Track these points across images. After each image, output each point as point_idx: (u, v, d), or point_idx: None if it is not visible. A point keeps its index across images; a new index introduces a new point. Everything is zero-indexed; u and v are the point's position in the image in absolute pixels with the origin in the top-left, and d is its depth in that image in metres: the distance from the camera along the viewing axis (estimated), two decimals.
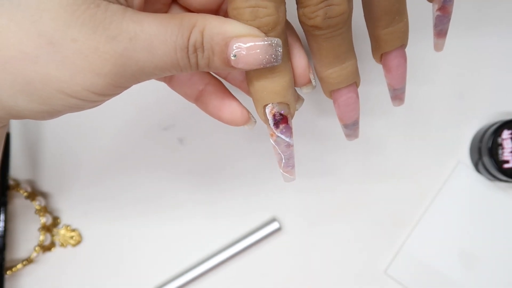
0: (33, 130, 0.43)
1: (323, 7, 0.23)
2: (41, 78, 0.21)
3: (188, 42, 0.22)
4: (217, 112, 0.28)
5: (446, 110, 0.43)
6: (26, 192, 0.41)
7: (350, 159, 0.43)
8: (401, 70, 0.28)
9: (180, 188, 0.43)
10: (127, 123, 0.43)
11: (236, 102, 0.28)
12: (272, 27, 0.23)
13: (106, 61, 0.21)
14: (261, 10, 0.22)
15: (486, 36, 0.43)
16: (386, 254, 0.42)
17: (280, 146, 0.26)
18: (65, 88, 0.22)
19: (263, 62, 0.23)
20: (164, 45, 0.22)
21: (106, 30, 0.21)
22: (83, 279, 0.43)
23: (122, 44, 0.21)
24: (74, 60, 0.21)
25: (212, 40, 0.22)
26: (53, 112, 0.23)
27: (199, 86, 0.29)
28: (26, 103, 0.22)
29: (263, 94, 0.25)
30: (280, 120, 0.25)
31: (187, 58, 0.22)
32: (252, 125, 0.28)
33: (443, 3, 0.27)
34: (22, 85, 0.21)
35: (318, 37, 0.25)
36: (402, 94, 0.30)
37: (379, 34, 0.27)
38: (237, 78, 0.29)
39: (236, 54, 0.22)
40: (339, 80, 0.26)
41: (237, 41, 0.22)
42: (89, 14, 0.21)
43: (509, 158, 0.40)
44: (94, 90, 0.22)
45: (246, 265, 0.42)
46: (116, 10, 0.22)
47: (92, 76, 0.21)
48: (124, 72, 0.22)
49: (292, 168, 0.27)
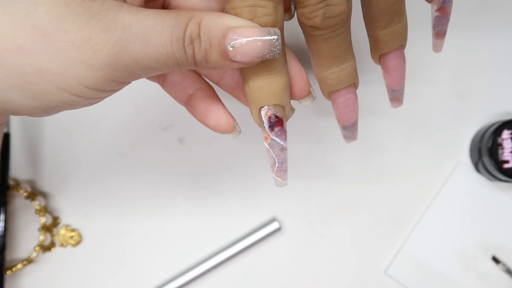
0: (33, 130, 0.43)
1: (322, 7, 0.23)
2: (35, 71, 0.21)
3: (184, 33, 0.22)
4: (203, 118, 0.28)
5: (446, 110, 0.43)
6: (26, 192, 0.41)
7: (350, 159, 0.43)
8: (400, 71, 0.28)
9: (180, 188, 0.43)
10: (127, 123, 0.43)
11: (223, 109, 0.28)
12: (271, 26, 0.22)
13: (98, 51, 0.21)
14: (260, 9, 0.22)
15: (486, 37, 0.43)
16: (386, 254, 0.42)
17: (274, 149, 0.25)
18: (59, 82, 0.21)
19: (263, 52, 0.22)
20: (160, 35, 0.21)
21: (100, 22, 0.21)
22: (83, 279, 0.43)
23: (116, 34, 0.21)
24: (67, 51, 0.21)
25: (210, 32, 0.22)
26: (47, 108, 0.23)
27: (189, 90, 0.28)
28: (19, 98, 0.22)
29: (259, 95, 0.24)
30: (275, 123, 0.25)
31: (183, 49, 0.22)
32: (237, 134, 0.28)
33: (442, 4, 0.26)
34: (16, 79, 0.21)
35: (317, 38, 0.24)
36: (401, 96, 0.30)
37: (378, 35, 0.27)
38: (229, 85, 0.29)
39: (234, 45, 0.22)
40: (338, 81, 0.26)
41: (235, 32, 0.22)
42: (84, 7, 0.21)
43: (509, 158, 0.40)
44: (87, 84, 0.22)
45: (246, 265, 0.42)
46: (112, 4, 0.21)
47: (85, 68, 0.21)
48: (118, 64, 0.22)
49: (285, 172, 0.26)
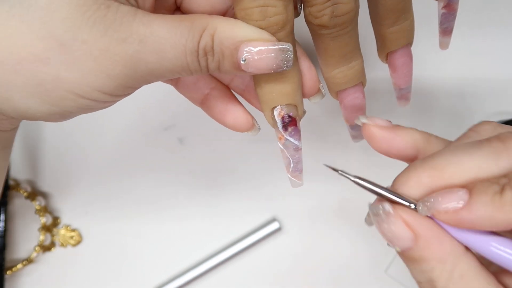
0: (33, 130, 0.43)
1: (330, 5, 0.23)
2: (52, 79, 0.21)
3: (198, 45, 0.22)
4: (221, 117, 0.28)
5: (446, 110, 0.43)
6: (26, 192, 0.41)
7: (350, 159, 0.43)
8: (407, 69, 0.28)
9: (180, 188, 0.43)
10: (128, 123, 0.43)
11: (241, 107, 0.28)
12: (282, 26, 0.22)
13: (116, 62, 0.21)
14: (270, 9, 0.22)
15: (486, 37, 0.43)
16: (386, 254, 0.42)
17: (289, 149, 0.25)
18: (76, 89, 0.22)
19: (274, 67, 0.22)
20: (174, 49, 0.22)
21: (116, 32, 0.21)
22: (83, 279, 0.43)
23: (132, 46, 0.21)
24: (84, 61, 0.21)
25: (222, 44, 0.22)
26: (64, 113, 0.23)
27: (204, 90, 0.28)
28: (38, 105, 0.22)
29: (271, 95, 0.24)
30: (288, 123, 0.25)
31: (197, 61, 0.22)
32: (256, 131, 0.28)
33: (448, 1, 0.26)
34: (34, 87, 0.21)
35: (325, 36, 0.24)
36: (408, 94, 0.30)
37: (385, 33, 0.26)
38: (239, 87, 0.29)
39: (246, 59, 0.22)
40: (345, 80, 0.26)
41: (247, 45, 0.22)
42: (99, 15, 0.21)
43: None
44: (105, 90, 0.22)
45: (246, 265, 0.42)
46: (126, 11, 0.21)
47: (103, 77, 0.21)
48: (134, 74, 0.22)
49: (300, 172, 0.27)
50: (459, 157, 0.19)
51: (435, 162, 0.19)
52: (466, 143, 0.20)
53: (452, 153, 0.19)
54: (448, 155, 0.19)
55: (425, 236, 0.19)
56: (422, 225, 0.19)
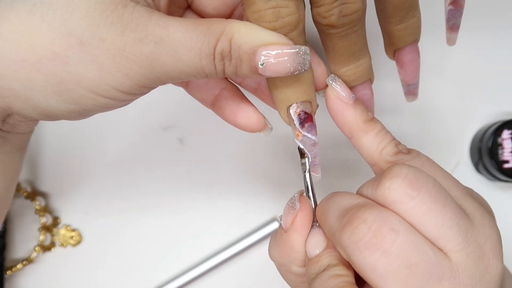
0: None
1: (337, 5, 0.23)
2: (72, 78, 0.21)
3: (214, 49, 0.22)
4: (233, 118, 0.28)
5: (446, 110, 0.43)
6: (26, 192, 0.41)
7: (350, 159, 0.43)
8: (414, 65, 0.28)
9: (180, 188, 0.43)
10: (127, 123, 0.43)
11: (252, 107, 0.28)
12: (295, 25, 0.22)
13: (132, 62, 0.21)
14: (283, 9, 0.22)
15: (486, 37, 0.43)
16: None
17: (306, 145, 0.26)
18: (95, 88, 0.22)
19: (291, 70, 0.22)
20: (189, 51, 0.22)
21: (133, 32, 0.21)
22: (83, 279, 0.43)
23: (148, 47, 0.21)
24: (103, 60, 0.21)
25: (240, 49, 0.22)
26: (83, 111, 0.23)
27: (215, 91, 0.28)
28: (58, 103, 0.22)
29: (287, 94, 0.25)
30: (305, 119, 0.25)
31: (213, 65, 0.22)
32: (268, 131, 0.28)
33: None
34: (54, 85, 0.22)
35: (333, 36, 0.24)
36: (415, 89, 0.30)
37: (393, 30, 0.27)
38: (251, 85, 0.29)
39: (264, 63, 0.22)
40: (354, 77, 0.27)
41: (265, 49, 0.22)
42: (116, 15, 0.21)
43: (509, 158, 0.40)
44: (122, 89, 0.22)
45: (246, 265, 0.42)
46: (143, 12, 0.22)
47: (120, 76, 0.22)
48: (150, 74, 0.22)
49: (318, 166, 0.27)
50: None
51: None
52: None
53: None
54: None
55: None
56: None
